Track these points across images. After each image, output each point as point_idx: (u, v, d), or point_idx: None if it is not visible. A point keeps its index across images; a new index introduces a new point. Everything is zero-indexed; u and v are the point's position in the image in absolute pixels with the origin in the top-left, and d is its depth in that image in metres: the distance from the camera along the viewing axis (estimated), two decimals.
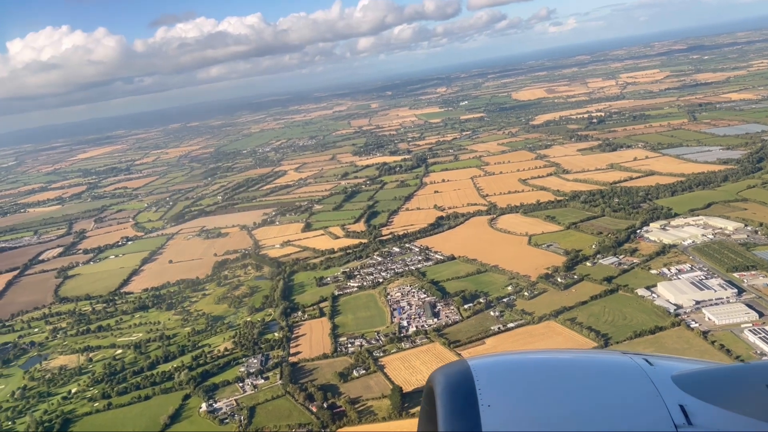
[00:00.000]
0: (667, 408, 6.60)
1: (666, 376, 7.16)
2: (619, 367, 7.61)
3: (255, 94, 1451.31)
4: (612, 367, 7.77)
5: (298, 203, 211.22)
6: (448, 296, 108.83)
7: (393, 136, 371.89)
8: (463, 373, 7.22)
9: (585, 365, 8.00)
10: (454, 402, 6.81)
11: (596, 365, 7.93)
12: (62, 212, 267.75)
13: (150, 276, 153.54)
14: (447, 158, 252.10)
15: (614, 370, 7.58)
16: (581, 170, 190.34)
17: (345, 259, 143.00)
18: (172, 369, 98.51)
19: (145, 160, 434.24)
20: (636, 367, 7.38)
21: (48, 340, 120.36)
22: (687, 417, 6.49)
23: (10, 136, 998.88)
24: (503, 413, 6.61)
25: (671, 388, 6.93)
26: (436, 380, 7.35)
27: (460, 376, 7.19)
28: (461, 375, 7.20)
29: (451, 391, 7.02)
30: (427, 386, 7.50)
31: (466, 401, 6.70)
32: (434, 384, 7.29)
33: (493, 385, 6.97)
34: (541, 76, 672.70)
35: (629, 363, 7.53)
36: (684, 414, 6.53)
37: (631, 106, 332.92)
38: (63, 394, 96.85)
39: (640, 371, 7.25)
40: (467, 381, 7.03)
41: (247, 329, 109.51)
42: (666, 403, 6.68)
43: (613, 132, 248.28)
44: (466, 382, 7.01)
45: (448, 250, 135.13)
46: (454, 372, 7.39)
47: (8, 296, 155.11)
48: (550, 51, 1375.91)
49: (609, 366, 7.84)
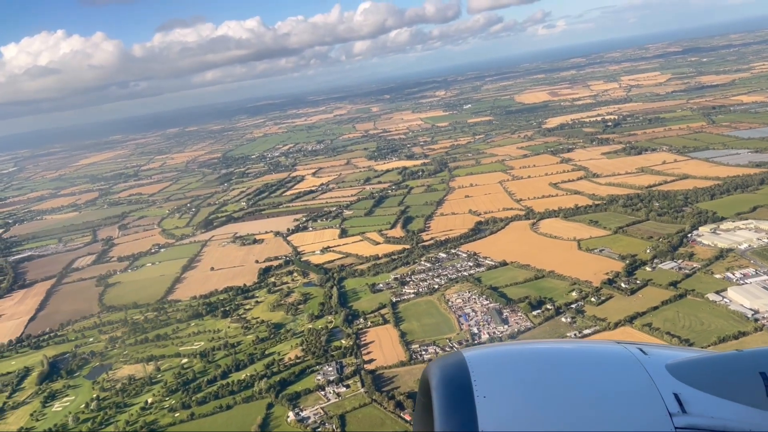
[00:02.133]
0: (662, 396, 6.70)
1: (660, 364, 7.27)
2: (613, 357, 7.75)
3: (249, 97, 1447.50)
4: (606, 356, 7.89)
5: (327, 209, 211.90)
6: (513, 302, 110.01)
7: (403, 140, 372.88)
8: (459, 364, 7.29)
9: (580, 355, 8.08)
10: (450, 394, 6.86)
11: (591, 355, 8.07)
12: (81, 219, 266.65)
13: (194, 283, 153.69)
14: (468, 162, 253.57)
15: (609, 360, 7.70)
16: (612, 174, 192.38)
17: (392, 265, 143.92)
18: (248, 377, 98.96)
19: (151, 166, 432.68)
20: (630, 356, 7.50)
21: (107, 350, 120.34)
22: (681, 405, 6.61)
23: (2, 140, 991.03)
24: (499, 404, 6.68)
25: (665, 376, 7.04)
26: (432, 372, 7.41)
27: (456, 367, 7.25)
28: (456, 366, 7.26)
29: (446, 382, 7.07)
30: (423, 378, 7.61)
31: (462, 393, 6.77)
32: (430, 376, 7.36)
33: (488, 376, 7.02)
34: (540, 79, 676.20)
35: (623, 352, 7.67)
36: (678, 402, 6.65)
37: (641, 109, 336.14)
38: (139, 404, 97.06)
39: (635, 360, 7.38)
40: (462, 372, 7.09)
41: (312, 337, 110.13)
42: (660, 391, 6.78)
43: (633, 135, 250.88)
44: (461, 374, 7.07)
45: (498, 256, 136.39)
46: (449, 364, 7.44)
47: (51, 305, 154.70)
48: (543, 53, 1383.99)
49: (603, 355, 7.97)
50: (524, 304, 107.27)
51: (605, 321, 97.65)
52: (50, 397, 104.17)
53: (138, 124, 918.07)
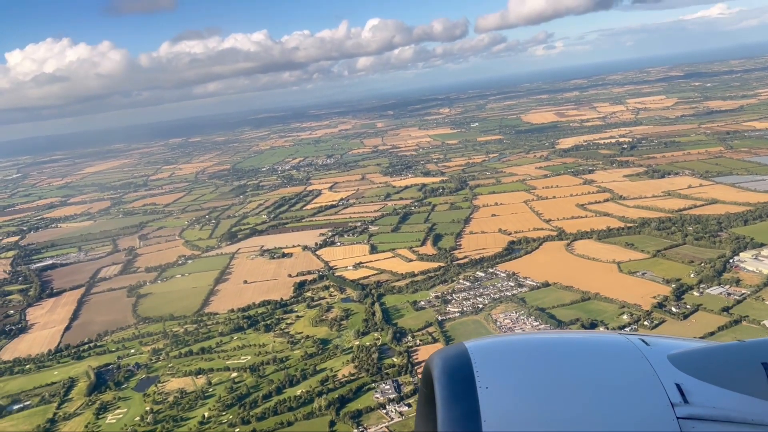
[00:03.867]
0: (664, 387, 6.70)
1: (662, 355, 7.26)
2: (615, 347, 7.73)
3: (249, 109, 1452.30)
4: (608, 346, 7.87)
5: (351, 224, 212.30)
6: (564, 324, 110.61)
7: (415, 157, 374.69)
8: (461, 355, 7.29)
9: (581, 345, 8.06)
10: (452, 384, 6.88)
11: (593, 345, 8.05)
12: (97, 228, 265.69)
13: (229, 296, 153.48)
14: (488, 181, 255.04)
15: (611, 350, 7.68)
16: (638, 197, 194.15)
17: (429, 282, 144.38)
18: (304, 393, 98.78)
19: (159, 176, 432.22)
20: (632, 346, 7.49)
21: (152, 362, 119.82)
22: (683, 395, 6.62)
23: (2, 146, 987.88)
24: (501, 394, 6.72)
25: (667, 367, 7.03)
26: (434, 363, 7.42)
27: (458, 358, 7.25)
28: (459, 358, 7.26)
29: (448, 373, 7.07)
30: (425, 369, 7.62)
31: (464, 383, 6.78)
32: (432, 367, 7.38)
33: (490, 367, 7.04)
34: (543, 99, 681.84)
35: (625, 343, 7.65)
36: (680, 392, 6.65)
37: (653, 133, 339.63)
38: (196, 418, 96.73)
39: (637, 351, 7.36)
40: (465, 363, 7.10)
41: (362, 354, 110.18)
42: (662, 381, 6.78)
43: (653, 159, 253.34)
44: (463, 365, 7.08)
45: (538, 276, 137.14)
46: (451, 355, 7.44)
47: (85, 315, 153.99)
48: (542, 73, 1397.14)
49: (605, 345, 7.95)
50: (577, 327, 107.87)
51: None
52: (102, 409, 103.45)
53: (139, 134, 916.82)
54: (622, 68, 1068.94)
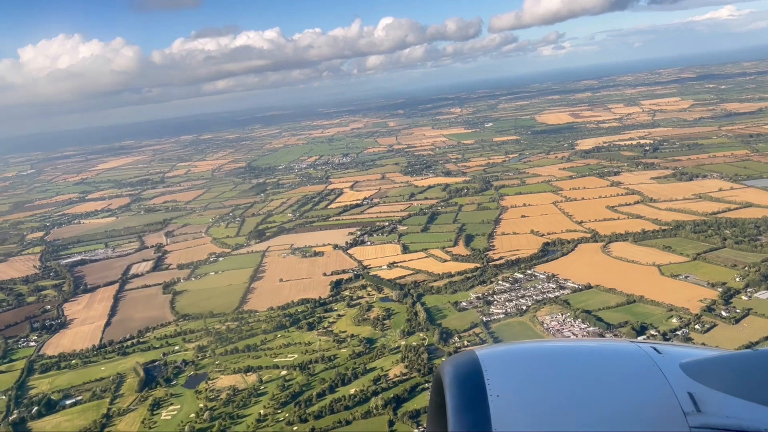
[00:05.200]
0: (676, 395, 6.64)
1: (674, 363, 7.20)
2: (627, 355, 7.66)
3: (257, 107, 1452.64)
4: (620, 354, 7.82)
5: (379, 223, 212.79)
6: (613, 327, 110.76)
7: (432, 157, 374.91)
8: (472, 363, 7.27)
9: (593, 353, 8.02)
10: (463, 392, 6.85)
11: (604, 353, 8.01)
12: (121, 225, 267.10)
13: (266, 294, 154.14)
14: (513, 182, 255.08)
15: (622, 358, 7.62)
16: (669, 199, 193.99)
17: (468, 283, 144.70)
18: (358, 392, 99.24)
19: (175, 173, 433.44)
20: (644, 355, 7.43)
21: (198, 359, 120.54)
22: (696, 404, 6.54)
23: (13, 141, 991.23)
24: (512, 402, 6.69)
25: (680, 375, 6.97)
26: (445, 371, 7.40)
27: (469, 366, 7.24)
28: (469, 365, 7.25)
29: (459, 381, 7.05)
30: (436, 377, 7.59)
31: (475, 391, 6.76)
32: (443, 374, 7.35)
33: (501, 375, 7.02)
34: (556, 100, 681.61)
35: (637, 351, 7.59)
36: (693, 401, 6.57)
37: (673, 135, 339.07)
38: (252, 415, 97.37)
39: (649, 359, 7.31)
40: (475, 371, 7.09)
41: (411, 353, 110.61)
42: (675, 390, 6.71)
43: (678, 161, 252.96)
44: (474, 372, 7.07)
45: (579, 278, 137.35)
46: (462, 362, 7.43)
47: (122, 311, 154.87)
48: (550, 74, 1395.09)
49: (617, 354, 7.91)
50: (626, 329, 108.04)
51: None
52: (155, 405, 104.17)
53: (150, 130, 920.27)
54: (633, 69, 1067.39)
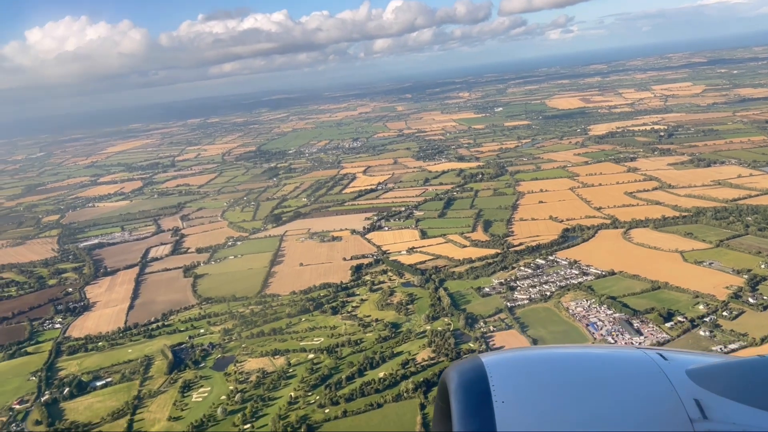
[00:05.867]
0: (682, 402, 6.66)
1: (680, 370, 7.23)
2: (633, 362, 7.70)
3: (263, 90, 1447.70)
4: (626, 361, 7.87)
5: (394, 209, 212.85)
6: (640, 314, 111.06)
7: (443, 142, 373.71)
8: (477, 369, 7.33)
9: (599, 360, 8.05)
10: (468, 398, 6.89)
11: (610, 360, 8.06)
12: (135, 208, 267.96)
13: (287, 278, 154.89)
14: (528, 167, 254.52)
15: (628, 365, 7.66)
16: (688, 186, 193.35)
17: (489, 269, 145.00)
18: (387, 376, 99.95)
19: (185, 157, 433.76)
20: (650, 361, 7.47)
21: (225, 342, 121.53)
22: (702, 411, 6.55)
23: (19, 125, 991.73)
24: (517, 409, 6.70)
25: (686, 382, 7.01)
26: (450, 377, 7.44)
27: (474, 372, 7.29)
28: (475, 371, 7.30)
29: (465, 387, 7.10)
30: (441, 383, 7.63)
31: (480, 397, 6.80)
32: (448, 381, 7.38)
33: (506, 381, 7.05)
34: (565, 85, 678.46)
35: (643, 357, 7.62)
36: (699, 408, 6.59)
37: (687, 120, 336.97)
38: (283, 397, 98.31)
39: (655, 366, 7.34)
40: (481, 377, 7.13)
41: (438, 338, 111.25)
42: (681, 397, 6.74)
43: (694, 147, 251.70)
44: (479, 379, 7.10)
45: (601, 265, 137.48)
46: (467, 369, 7.48)
47: (144, 295, 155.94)
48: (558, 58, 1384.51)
49: (623, 360, 7.95)
50: (654, 315, 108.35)
51: (746, 336, 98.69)
52: (185, 387, 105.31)
53: (157, 113, 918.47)
54: (642, 54, 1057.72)
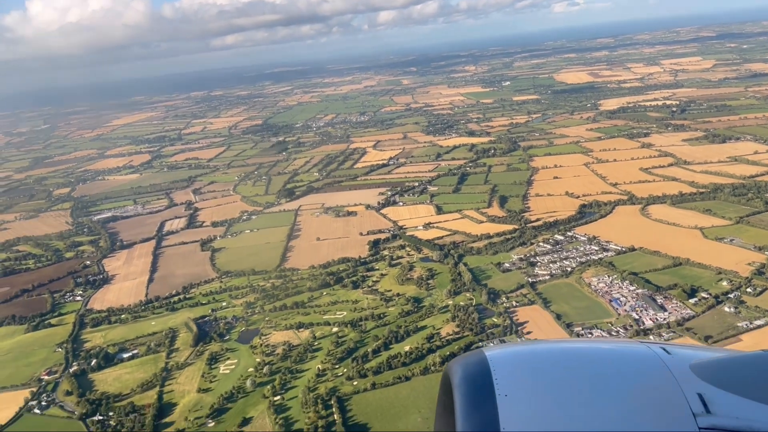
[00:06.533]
0: (686, 397, 6.66)
1: (684, 364, 7.24)
2: (636, 356, 7.71)
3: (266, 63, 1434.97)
4: (629, 356, 7.87)
5: (408, 184, 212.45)
6: (663, 290, 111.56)
7: (452, 116, 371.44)
8: (480, 362, 7.35)
9: (602, 354, 8.05)
10: (471, 392, 6.91)
11: (613, 354, 8.08)
12: (146, 182, 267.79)
13: (305, 252, 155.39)
14: (540, 142, 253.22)
15: (631, 359, 7.67)
16: (704, 162, 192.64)
17: (508, 245, 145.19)
18: (413, 350, 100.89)
19: (191, 130, 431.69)
20: (654, 356, 7.47)
21: (248, 315, 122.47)
22: (705, 405, 6.54)
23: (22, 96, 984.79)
24: (520, 402, 6.73)
25: (689, 376, 7.00)
26: (453, 370, 7.47)
27: (477, 366, 7.31)
28: (478, 365, 7.32)
29: (467, 381, 7.12)
30: (444, 376, 7.66)
31: (483, 391, 6.82)
32: (451, 374, 7.43)
33: (509, 375, 7.07)
34: (572, 59, 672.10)
35: (647, 352, 7.62)
36: (702, 402, 6.58)
37: (698, 96, 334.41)
38: (311, 370, 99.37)
39: (658, 360, 7.35)
40: (484, 371, 7.14)
41: (461, 313, 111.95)
42: (684, 391, 6.74)
43: (708, 123, 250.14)
44: (482, 372, 7.12)
45: (620, 241, 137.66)
46: (470, 362, 7.49)
47: (163, 268, 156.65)
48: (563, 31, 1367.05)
49: (626, 355, 7.95)
50: (677, 292, 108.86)
51: None
52: (212, 360, 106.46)
53: (159, 86, 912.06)
54: (649, 27, 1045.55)
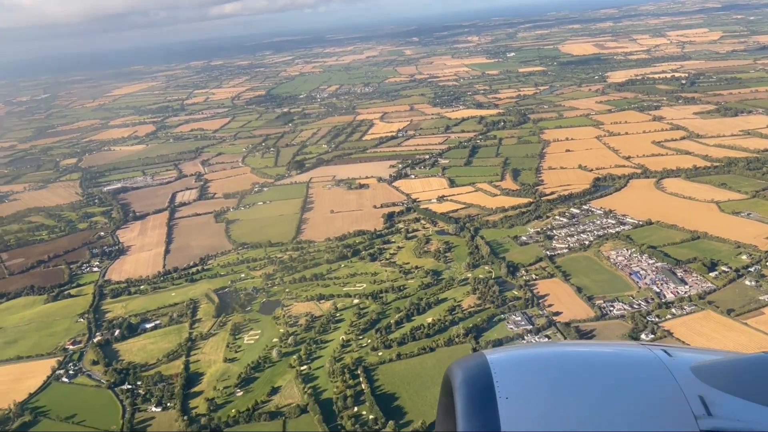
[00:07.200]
0: (687, 399, 6.66)
1: (685, 367, 7.24)
2: (637, 359, 7.72)
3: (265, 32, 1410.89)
4: (630, 358, 7.88)
5: (418, 156, 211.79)
6: (682, 263, 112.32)
7: (458, 88, 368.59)
8: (481, 365, 7.35)
9: (603, 357, 8.08)
10: (472, 395, 6.91)
11: (614, 357, 8.11)
12: (153, 153, 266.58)
13: (319, 225, 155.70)
14: (550, 115, 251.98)
15: (633, 362, 7.69)
16: (717, 135, 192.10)
17: (524, 218, 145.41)
18: (435, 321, 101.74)
19: (194, 101, 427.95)
20: (655, 358, 7.45)
21: (268, 286, 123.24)
22: (706, 407, 6.55)
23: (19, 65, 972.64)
24: (521, 405, 6.74)
25: (690, 379, 7.01)
26: (454, 373, 7.47)
27: (478, 368, 7.31)
28: (479, 368, 7.32)
29: (468, 383, 7.12)
30: (445, 379, 7.64)
31: (484, 394, 6.81)
32: (452, 377, 7.42)
33: (510, 378, 7.08)
34: (577, 30, 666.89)
35: (648, 354, 7.62)
36: (703, 404, 6.59)
37: (707, 68, 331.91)
38: (335, 341, 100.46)
39: (659, 362, 7.33)
40: (485, 373, 7.14)
41: (482, 285, 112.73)
42: (685, 393, 6.74)
43: (719, 96, 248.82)
44: (483, 375, 7.12)
45: (636, 214, 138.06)
46: (471, 365, 7.50)
47: (178, 239, 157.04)
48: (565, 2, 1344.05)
49: (627, 357, 7.96)
50: (697, 265, 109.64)
51: None
52: (236, 330, 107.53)
53: (158, 55, 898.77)
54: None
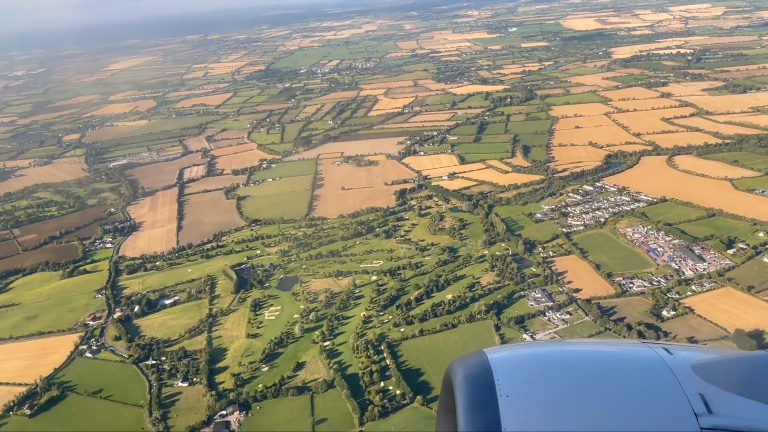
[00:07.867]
0: (687, 397, 6.72)
1: (685, 365, 7.28)
2: (638, 357, 7.78)
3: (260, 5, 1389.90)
4: (631, 356, 7.95)
5: (426, 133, 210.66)
6: (699, 240, 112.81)
7: (461, 63, 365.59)
8: (482, 364, 7.40)
9: (603, 355, 8.15)
10: (473, 392, 6.96)
11: (615, 355, 8.15)
12: (156, 128, 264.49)
13: (331, 202, 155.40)
14: (557, 91, 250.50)
15: (633, 360, 7.76)
16: (726, 112, 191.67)
17: (537, 195, 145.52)
18: (455, 298, 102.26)
19: (193, 75, 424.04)
20: (655, 356, 7.50)
21: (284, 263, 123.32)
22: (707, 405, 6.60)
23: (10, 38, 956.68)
24: (522, 403, 6.79)
25: (691, 377, 7.06)
26: (455, 371, 7.51)
27: (479, 367, 7.36)
28: (479, 366, 7.37)
29: (469, 381, 7.17)
30: (446, 377, 7.68)
31: (485, 392, 6.86)
32: (452, 375, 7.47)
33: (511, 376, 7.13)
34: (578, 4, 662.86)
35: (648, 353, 7.66)
36: (704, 402, 6.64)
37: (711, 44, 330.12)
38: (356, 317, 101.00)
39: (660, 361, 7.38)
40: (485, 372, 7.19)
41: (500, 262, 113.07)
42: (686, 391, 6.79)
43: (726, 72, 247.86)
44: (484, 373, 7.17)
45: (649, 191, 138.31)
46: (472, 363, 7.53)
47: (190, 215, 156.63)
48: None
49: (628, 356, 8.02)
50: (714, 242, 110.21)
51: None
52: (256, 306, 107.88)
53: (152, 29, 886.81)
54: None
